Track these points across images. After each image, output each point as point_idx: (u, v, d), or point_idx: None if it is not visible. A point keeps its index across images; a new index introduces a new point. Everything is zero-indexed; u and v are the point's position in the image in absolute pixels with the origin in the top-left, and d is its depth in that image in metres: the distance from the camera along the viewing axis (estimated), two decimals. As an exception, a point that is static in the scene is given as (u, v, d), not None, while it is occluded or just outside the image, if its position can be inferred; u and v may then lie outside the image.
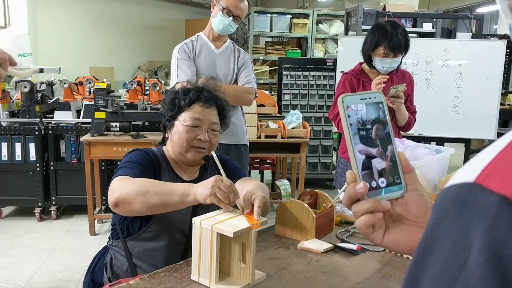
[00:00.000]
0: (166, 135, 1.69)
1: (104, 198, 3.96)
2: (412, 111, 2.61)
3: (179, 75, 2.60)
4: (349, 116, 0.63)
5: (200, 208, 1.47)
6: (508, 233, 0.31)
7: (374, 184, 0.63)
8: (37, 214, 3.96)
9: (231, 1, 2.60)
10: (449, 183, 0.37)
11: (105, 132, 3.61)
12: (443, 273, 0.34)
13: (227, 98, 2.66)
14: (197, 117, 1.61)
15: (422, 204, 0.64)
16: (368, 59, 2.50)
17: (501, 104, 5.00)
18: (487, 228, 0.32)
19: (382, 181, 0.64)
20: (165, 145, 1.71)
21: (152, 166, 1.57)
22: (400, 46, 2.38)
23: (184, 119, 1.61)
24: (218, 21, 2.63)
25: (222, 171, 1.43)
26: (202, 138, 1.60)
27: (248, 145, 2.87)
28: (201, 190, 1.31)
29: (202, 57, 2.68)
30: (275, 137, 3.90)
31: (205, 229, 1.22)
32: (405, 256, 1.45)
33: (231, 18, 2.62)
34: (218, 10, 2.62)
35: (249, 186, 1.48)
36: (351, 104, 0.63)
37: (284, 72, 5.08)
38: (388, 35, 2.37)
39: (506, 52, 4.55)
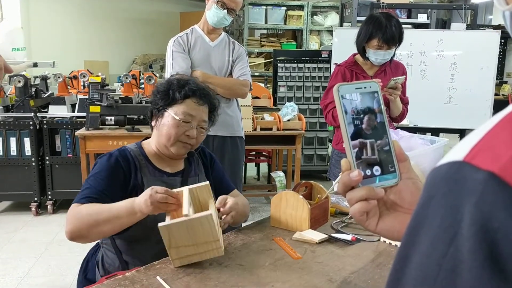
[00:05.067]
0: (152, 123, 1.65)
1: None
2: (405, 102, 2.61)
3: (173, 68, 2.60)
4: (344, 105, 0.63)
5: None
6: (494, 207, 0.32)
7: (368, 172, 0.64)
8: (33, 208, 3.96)
9: (225, -7, 2.59)
10: (439, 162, 0.38)
11: (100, 126, 3.60)
12: (433, 248, 0.35)
13: (222, 91, 2.68)
14: (190, 112, 1.58)
15: (416, 192, 0.64)
16: (362, 51, 2.50)
17: (496, 94, 5.01)
18: (475, 203, 0.33)
19: (377, 169, 0.64)
20: (146, 139, 1.69)
21: (121, 171, 1.52)
22: (394, 39, 2.38)
23: (176, 112, 1.57)
24: (212, 13, 2.62)
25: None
26: (191, 134, 1.58)
27: (243, 137, 2.87)
28: (145, 208, 1.32)
29: (196, 50, 2.68)
30: (271, 129, 3.90)
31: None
32: (399, 245, 1.46)
33: (225, 10, 2.61)
34: (213, 3, 2.61)
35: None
36: (346, 94, 0.63)
37: (279, 64, 5.07)
38: (383, 28, 2.36)
39: (500, 42, 4.55)
